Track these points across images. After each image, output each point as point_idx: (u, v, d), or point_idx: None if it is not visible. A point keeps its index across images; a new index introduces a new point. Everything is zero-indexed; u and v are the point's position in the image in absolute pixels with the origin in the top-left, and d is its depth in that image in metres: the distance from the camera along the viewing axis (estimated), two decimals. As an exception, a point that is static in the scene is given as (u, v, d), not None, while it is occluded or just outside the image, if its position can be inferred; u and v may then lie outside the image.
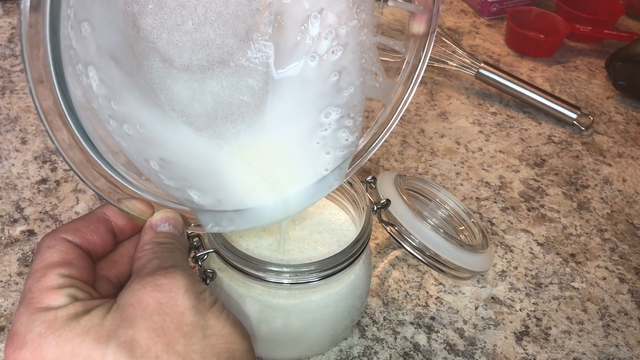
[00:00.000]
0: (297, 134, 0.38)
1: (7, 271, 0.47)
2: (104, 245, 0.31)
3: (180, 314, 0.27)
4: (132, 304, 0.27)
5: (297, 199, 0.37)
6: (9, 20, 0.76)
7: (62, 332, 0.26)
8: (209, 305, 0.28)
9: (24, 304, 0.27)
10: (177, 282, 0.28)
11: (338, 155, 0.37)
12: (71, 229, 0.30)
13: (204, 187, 0.34)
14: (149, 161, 0.31)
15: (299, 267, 0.36)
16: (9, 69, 0.68)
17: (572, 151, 0.65)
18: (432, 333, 0.45)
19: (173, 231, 0.32)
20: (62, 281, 0.28)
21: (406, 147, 0.63)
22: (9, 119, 0.61)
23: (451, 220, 0.50)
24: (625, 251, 0.54)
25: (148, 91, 0.33)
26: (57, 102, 0.26)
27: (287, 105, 0.38)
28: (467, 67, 0.70)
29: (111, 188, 0.30)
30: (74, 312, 0.26)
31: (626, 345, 0.46)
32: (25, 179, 0.55)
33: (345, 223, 0.44)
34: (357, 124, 0.38)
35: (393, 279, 0.49)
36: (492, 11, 0.86)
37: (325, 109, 0.38)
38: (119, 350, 0.25)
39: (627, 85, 0.72)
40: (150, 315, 0.26)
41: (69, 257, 0.29)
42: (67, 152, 0.28)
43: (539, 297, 0.49)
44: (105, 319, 0.26)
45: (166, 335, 0.26)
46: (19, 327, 0.26)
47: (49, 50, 0.25)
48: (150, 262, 0.29)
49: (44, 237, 0.30)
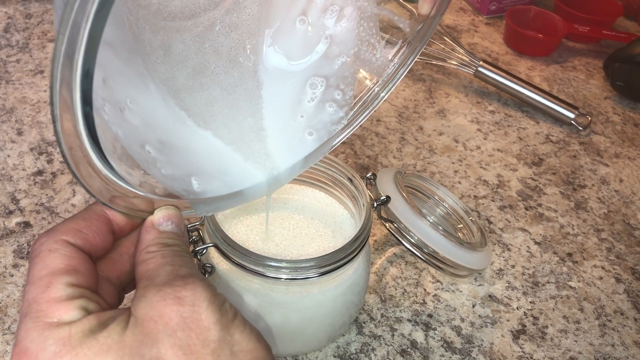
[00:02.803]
0: (284, 106, 0.36)
1: (3, 263, 0.46)
2: (105, 246, 0.30)
3: (206, 329, 0.26)
4: (153, 318, 0.25)
5: (287, 174, 0.36)
6: (4, 10, 0.75)
7: (79, 351, 0.24)
8: (231, 318, 0.27)
9: (30, 317, 0.25)
10: (199, 294, 0.26)
11: (325, 130, 0.36)
12: (72, 230, 0.28)
13: (203, 171, 0.33)
14: (146, 146, 0.30)
15: (298, 262, 0.36)
16: (5, 59, 0.67)
17: (569, 151, 0.65)
18: (429, 330, 0.45)
19: (176, 230, 0.30)
20: (70, 291, 0.26)
21: (404, 144, 0.63)
22: (5, 109, 0.61)
23: (450, 217, 0.50)
24: (621, 251, 0.54)
25: (141, 72, 0.32)
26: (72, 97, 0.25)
27: (275, 73, 0.36)
28: (466, 65, 0.70)
29: (105, 186, 0.29)
30: (89, 328, 0.25)
31: (622, 344, 0.46)
32: (21, 170, 0.54)
33: (342, 216, 0.43)
34: (346, 97, 0.36)
35: (391, 275, 0.49)
36: (491, 10, 0.86)
37: (312, 78, 0.36)
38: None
39: (625, 85, 0.72)
40: (174, 331, 0.25)
41: (74, 263, 0.27)
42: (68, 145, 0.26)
43: (536, 296, 0.49)
44: (124, 334, 0.25)
45: (193, 353, 0.25)
46: (28, 345, 0.24)
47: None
48: (162, 268, 0.27)
49: (41, 237, 0.27)
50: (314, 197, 0.44)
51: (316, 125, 0.36)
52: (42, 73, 0.66)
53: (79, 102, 0.23)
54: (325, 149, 0.37)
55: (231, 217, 0.42)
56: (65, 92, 0.22)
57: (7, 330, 0.42)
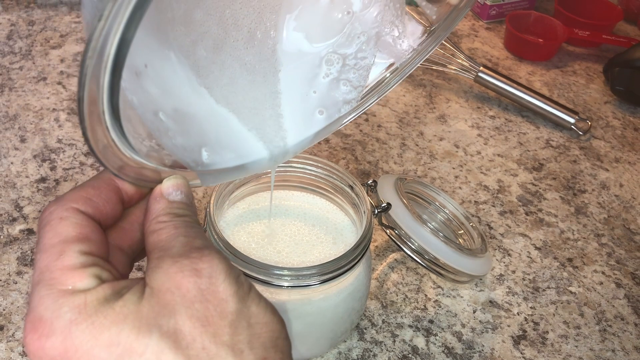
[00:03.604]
0: (300, 82, 0.36)
1: (7, 270, 0.47)
2: (115, 215, 0.29)
3: (223, 301, 0.25)
4: (170, 289, 0.25)
5: (294, 149, 0.36)
6: (7, 17, 0.75)
7: (95, 320, 0.23)
8: (247, 290, 0.26)
9: (43, 284, 0.24)
10: (215, 266, 0.26)
11: (336, 109, 0.35)
12: (82, 198, 0.27)
13: (214, 143, 0.32)
14: (159, 114, 0.29)
15: (300, 270, 0.36)
16: (8, 67, 0.68)
17: (569, 156, 0.65)
18: (430, 336, 0.46)
19: (185, 200, 0.30)
20: (83, 259, 0.25)
21: (405, 149, 0.63)
22: (8, 116, 0.61)
23: (450, 224, 0.51)
24: (622, 256, 0.54)
25: (161, 40, 0.31)
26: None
27: (294, 49, 0.35)
28: (466, 70, 0.70)
29: (115, 155, 0.27)
30: (103, 296, 0.24)
31: (622, 350, 0.46)
32: (24, 178, 0.55)
33: (343, 223, 0.44)
34: (361, 78, 0.35)
35: (392, 281, 0.49)
36: (491, 15, 0.86)
37: (330, 54, 0.35)
38: (163, 341, 0.23)
39: (625, 90, 0.72)
40: (191, 302, 0.24)
41: (85, 231, 0.26)
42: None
43: (537, 301, 0.49)
44: (141, 304, 0.24)
45: (211, 324, 0.24)
46: (43, 312, 0.23)
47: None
48: (176, 239, 0.27)
49: (50, 205, 0.26)
50: (315, 204, 0.45)
51: (327, 103, 0.36)
52: (44, 80, 0.66)
53: (110, 67, 0.23)
54: (333, 127, 0.37)
55: (233, 224, 0.42)
56: (99, 55, 0.22)
57: (12, 337, 0.42)
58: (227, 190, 0.42)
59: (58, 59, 0.70)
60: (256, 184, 0.44)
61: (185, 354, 0.23)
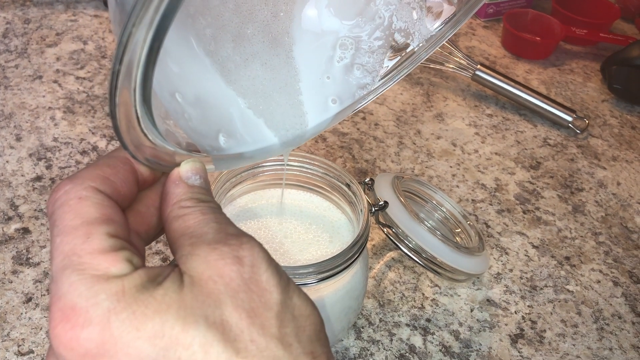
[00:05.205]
0: (315, 70, 0.35)
1: (2, 269, 0.46)
2: (131, 197, 0.27)
3: (267, 291, 0.24)
4: (212, 277, 0.23)
5: (309, 134, 0.35)
6: (3, 15, 0.75)
7: (136, 309, 0.21)
8: (287, 281, 0.25)
9: (72, 270, 0.22)
10: (257, 255, 0.24)
11: (350, 95, 0.35)
12: (99, 177, 0.25)
13: (231, 130, 0.31)
14: (176, 95, 0.28)
15: (297, 268, 0.36)
16: (4, 65, 0.67)
17: (567, 154, 0.65)
18: (427, 335, 0.45)
19: (204, 185, 0.28)
20: (112, 242, 0.23)
21: (402, 148, 0.63)
22: (3, 115, 0.61)
23: (447, 222, 0.50)
24: (619, 254, 0.54)
25: (180, 25, 0.30)
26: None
27: (309, 35, 0.34)
28: (464, 68, 0.70)
29: (134, 132, 0.26)
30: (141, 283, 0.22)
31: (620, 348, 0.46)
32: (19, 176, 0.54)
33: (339, 221, 0.44)
34: (376, 62, 0.35)
35: (389, 280, 0.49)
36: (489, 13, 0.86)
37: (345, 35, 0.34)
38: (211, 333, 0.22)
39: (622, 88, 0.72)
40: (235, 292, 0.23)
41: (109, 212, 0.24)
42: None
43: (534, 300, 0.49)
44: (183, 293, 0.22)
45: (257, 316, 0.23)
46: (76, 300, 0.21)
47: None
48: (207, 225, 0.25)
49: (64, 184, 0.24)
50: (312, 202, 0.44)
51: (341, 89, 0.35)
52: (40, 78, 0.66)
53: (150, 39, 0.21)
54: (348, 111, 0.36)
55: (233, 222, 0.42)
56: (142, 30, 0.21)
57: (7, 336, 0.42)
58: (224, 188, 0.41)
59: (54, 57, 0.69)
60: (253, 182, 0.44)
61: (235, 346, 0.22)
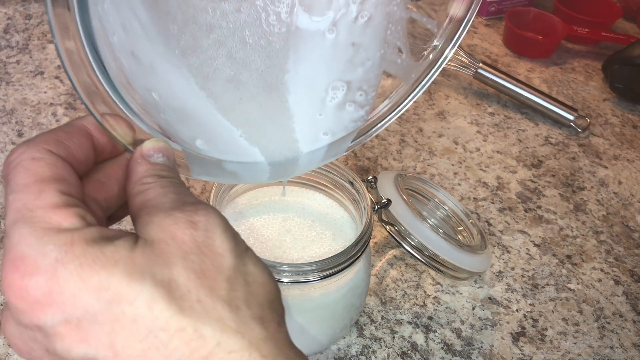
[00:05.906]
0: (308, 107, 0.35)
1: (3, 265, 0.46)
2: (87, 163, 0.27)
3: (220, 255, 0.24)
4: (164, 239, 0.23)
5: (291, 168, 0.35)
6: (4, 11, 0.75)
7: (83, 261, 0.22)
8: (244, 248, 0.25)
9: (24, 222, 0.22)
10: (212, 220, 0.24)
11: (343, 127, 0.35)
12: (53, 140, 0.25)
13: (209, 139, 0.31)
14: (153, 93, 0.29)
15: (300, 266, 0.36)
16: (5, 60, 0.67)
17: (568, 153, 0.65)
18: (429, 333, 0.45)
19: (167, 163, 0.28)
20: (65, 199, 0.23)
21: (404, 146, 0.63)
22: (5, 111, 0.61)
23: (450, 220, 0.51)
24: (620, 253, 0.54)
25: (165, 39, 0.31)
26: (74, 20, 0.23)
27: (306, 65, 0.35)
28: (466, 66, 0.70)
29: (97, 95, 0.26)
30: (91, 238, 0.22)
31: (621, 347, 0.46)
32: (21, 172, 0.54)
33: (342, 219, 0.44)
34: (368, 98, 0.35)
35: (391, 278, 0.49)
36: (491, 11, 0.86)
37: (336, 79, 0.35)
38: (156, 290, 0.22)
39: (624, 87, 0.72)
40: (187, 254, 0.23)
41: (62, 172, 0.24)
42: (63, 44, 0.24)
43: (536, 298, 0.49)
44: (134, 252, 0.23)
45: (207, 278, 0.23)
46: (25, 249, 0.22)
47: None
48: (165, 196, 0.25)
49: (19, 147, 0.24)
50: (315, 200, 0.44)
51: (332, 125, 0.36)
52: (42, 74, 0.66)
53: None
54: (343, 145, 0.37)
55: (232, 219, 0.42)
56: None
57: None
58: (227, 185, 0.41)
59: (55, 53, 0.69)
60: (255, 179, 0.44)
61: (179, 304, 0.22)
